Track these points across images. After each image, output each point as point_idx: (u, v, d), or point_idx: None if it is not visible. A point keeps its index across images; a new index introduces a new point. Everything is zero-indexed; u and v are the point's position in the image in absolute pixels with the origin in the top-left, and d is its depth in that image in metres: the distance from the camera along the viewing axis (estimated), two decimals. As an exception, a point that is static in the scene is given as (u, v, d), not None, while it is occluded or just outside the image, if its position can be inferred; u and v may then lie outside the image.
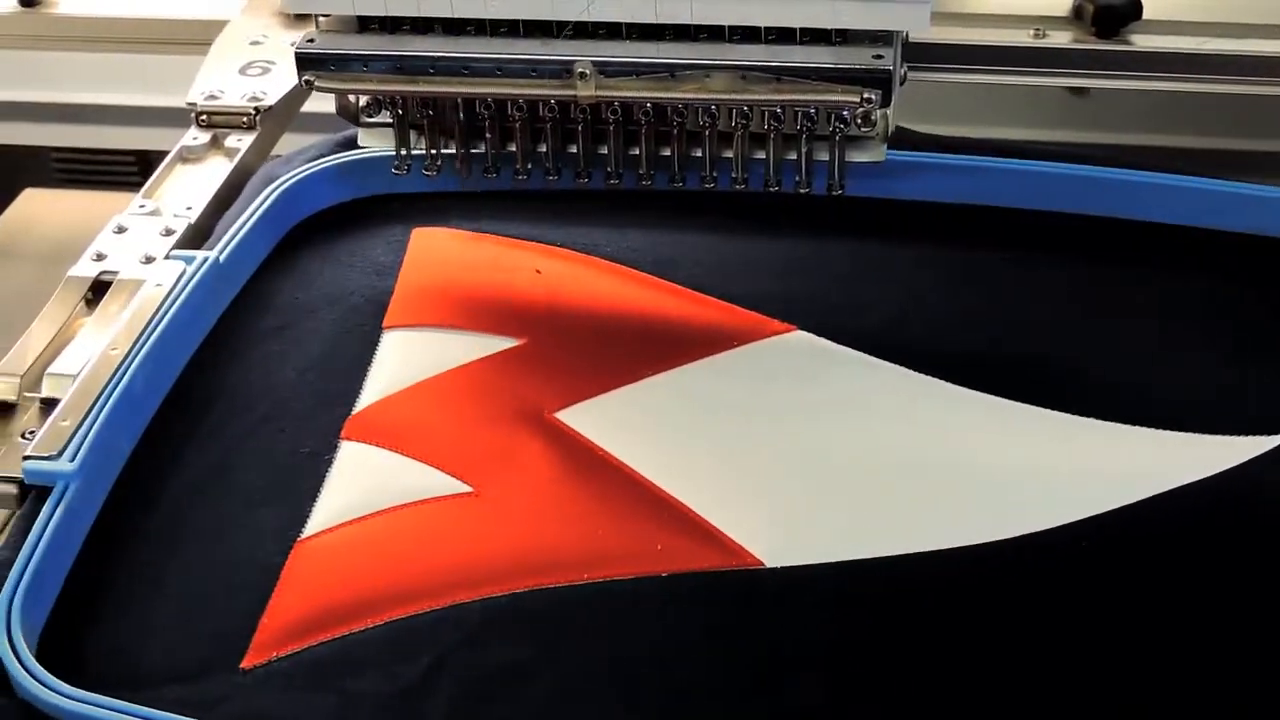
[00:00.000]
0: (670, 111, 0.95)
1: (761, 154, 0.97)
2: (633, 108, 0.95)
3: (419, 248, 1.05)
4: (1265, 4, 1.17)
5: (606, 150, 0.98)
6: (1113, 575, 0.83)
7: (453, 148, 1.00)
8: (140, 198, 1.07)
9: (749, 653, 0.79)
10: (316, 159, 1.08)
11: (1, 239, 1.33)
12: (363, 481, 0.88)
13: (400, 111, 0.98)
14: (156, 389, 0.93)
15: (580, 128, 0.97)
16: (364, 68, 0.93)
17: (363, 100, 0.99)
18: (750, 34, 0.92)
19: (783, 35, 0.92)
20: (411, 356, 0.96)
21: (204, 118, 1.13)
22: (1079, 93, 1.28)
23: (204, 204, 1.06)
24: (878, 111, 0.92)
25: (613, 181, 0.99)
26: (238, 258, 1.01)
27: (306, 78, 0.94)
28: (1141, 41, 1.17)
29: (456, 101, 0.97)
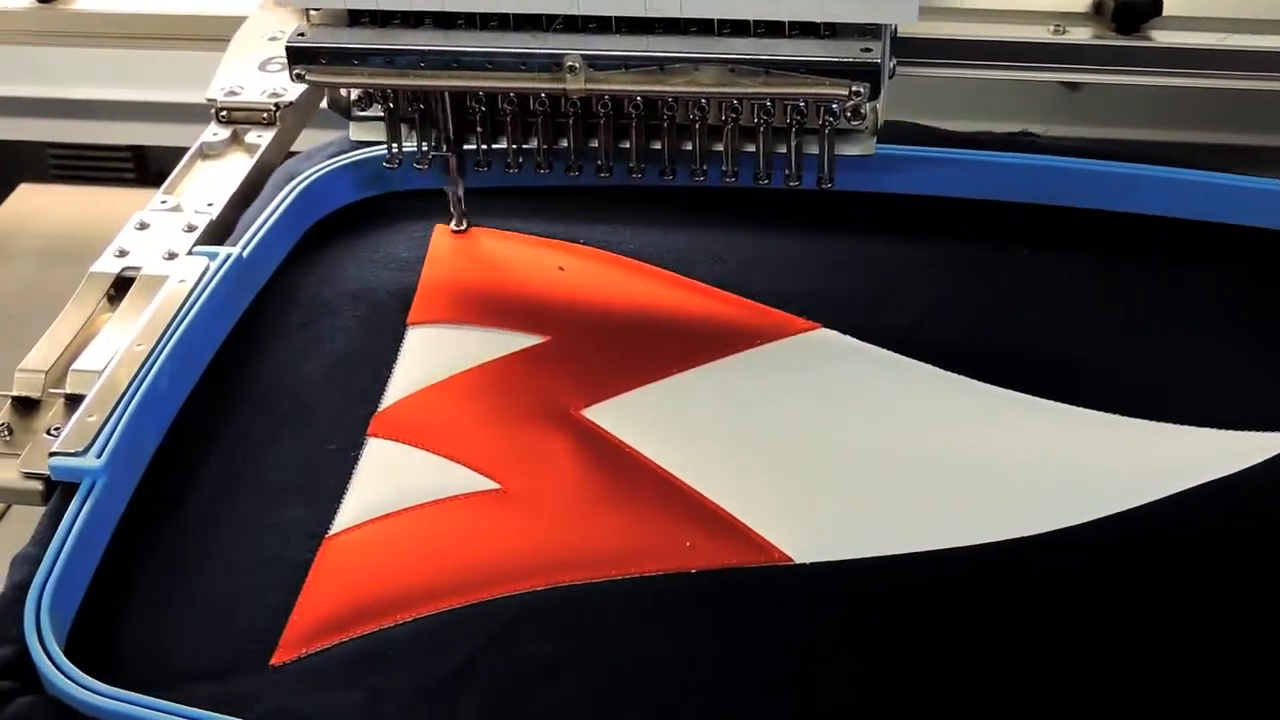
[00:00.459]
0: (660, 105, 0.95)
1: (751, 147, 0.96)
2: (623, 101, 0.95)
3: (441, 244, 1.05)
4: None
5: (597, 144, 0.98)
6: (1140, 571, 0.83)
7: (443, 142, 1.00)
8: (161, 194, 1.06)
9: (779, 649, 0.79)
10: (338, 155, 1.08)
11: (-3, 234, 1.33)
12: (390, 478, 0.88)
13: (391, 105, 0.98)
14: (182, 385, 0.93)
15: (571, 121, 0.97)
16: (355, 62, 0.93)
17: (354, 94, 0.99)
18: (739, 27, 0.91)
19: (772, 29, 0.91)
20: (436, 353, 0.96)
21: (224, 114, 1.13)
22: (1073, 88, 1.28)
23: (225, 200, 1.06)
24: (867, 105, 0.92)
25: (603, 175, 0.98)
26: (261, 253, 1.01)
27: (297, 71, 0.93)
28: (1161, 37, 1.17)
29: (446, 95, 0.97)
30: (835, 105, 0.93)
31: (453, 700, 0.77)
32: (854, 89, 0.89)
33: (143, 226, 1.03)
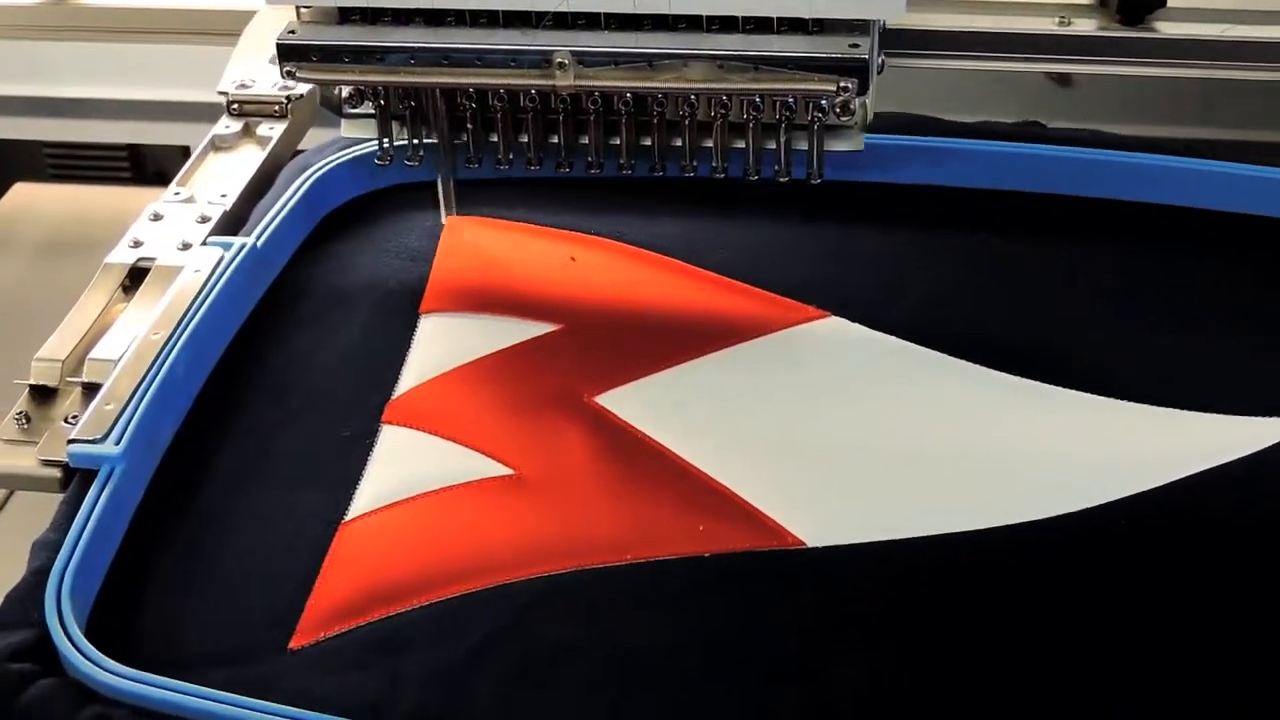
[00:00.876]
0: (650, 101, 0.95)
1: (741, 143, 0.96)
2: (612, 97, 0.95)
3: (452, 235, 1.06)
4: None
5: (587, 140, 0.98)
6: (1150, 554, 0.83)
7: (435, 138, 1.00)
8: (175, 186, 1.07)
9: (791, 631, 0.80)
10: (351, 145, 1.09)
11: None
12: (405, 465, 0.89)
13: (383, 102, 0.98)
14: (198, 373, 0.94)
15: (561, 118, 0.97)
16: (346, 59, 0.93)
17: (345, 91, 0.99)
18: (728, 24, 0.92)
19: (760, 25, 0.91)
20: (449, 341, 0.97)
21: (235, 106, 1.14)
22: (1064, 82, 1.29)
23: (238, 191, 1.06)
24: (856, 100, 0.92)
25: (593, 171, 0.98)
26: (275, 243, 1.02)
27: (288, 69, 0.94)
28: (1166, 29, 1.18)
29: (438, 92, 0.97)
30: (824, 101, 0.93)
31: (468, 682, 0.77)
32: (842, 84, 0.90)
33: (157, 218, 1.04)
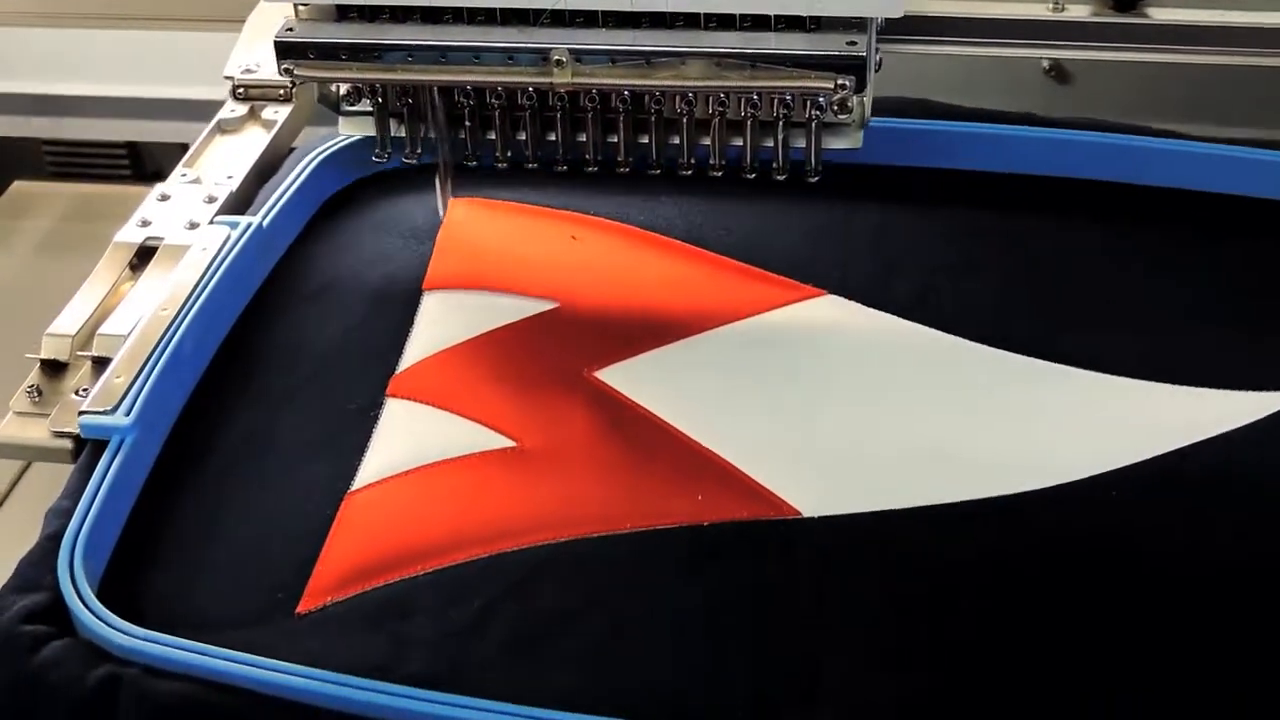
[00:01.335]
0: (648, 99, 0.95)
1: (739, 141, 0.97)
2: (610, 95, 0.95)
3: (456, 216, 1.07)
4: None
5: (585, 138, 0.98)
6: (1139, 524, 0.85)
7: (433, 135, 1.00)
8: (181, 167, 1.09)
9: (787, 597, 0.82)
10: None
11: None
12: (409, 436, 0.90)
13: (380, 99, 0.98)
14: (205, 348, 0.95)
15: (559, 116, 0.97)
16: (343, 56, 0.94)
17: (343, 88, 1.00)
18: (725, 21, 0.92)
19: (758, 22, 0.92)
20: (452, 317, 0.98)
21: (241, 90, 1.15)
22: (1061, 79, 1.30)
23: (244, 173, 1.08)
24: (854, 98, 0.92)
25: (591, 169, 0.99)
26: (280, 223, 1.04)
27: (285, 66, 0.94)
28: (1159, 15, 1.19)
29: (435, 89, 0.97)
30: (821, 99, 0.93)
31: (472, 645, 0.79)
32: (839, 82, 0.90)
33: (164, 198, 1.05)
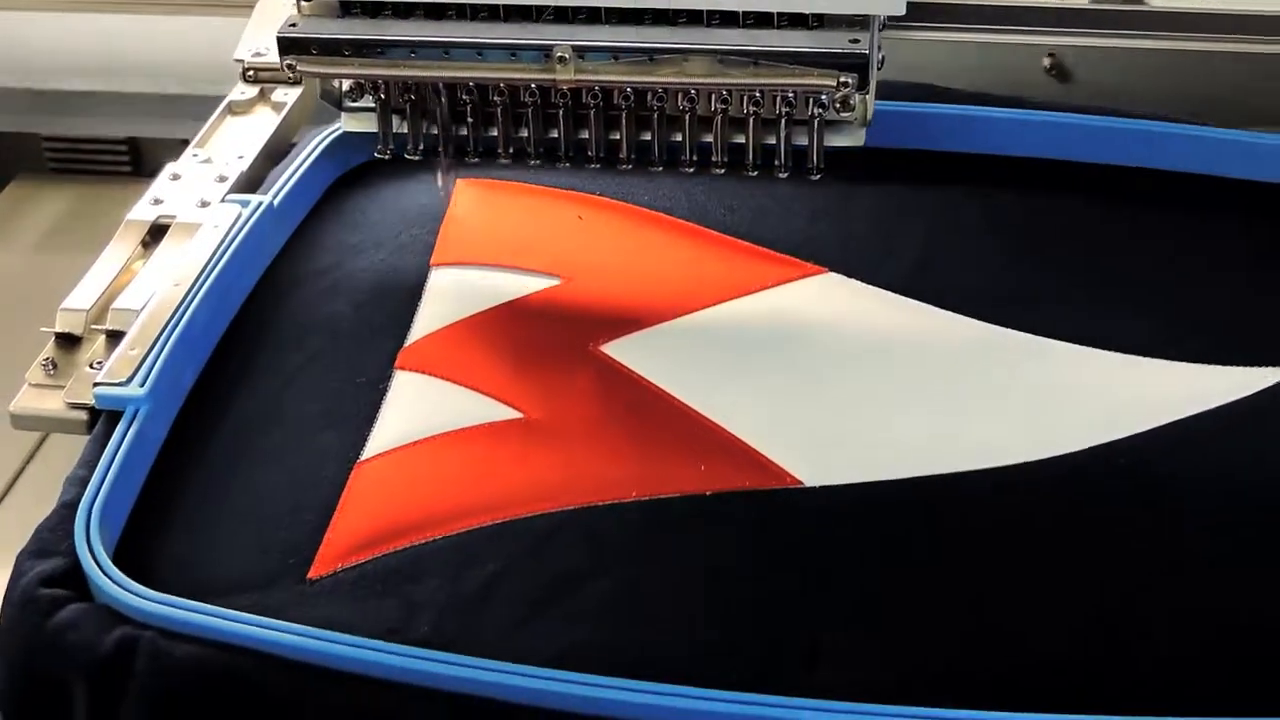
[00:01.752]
0: (650, 96, 0.95)
1: (741, 138, 0.97)
2: (613, 92, 0.95)
3: (463, 195, 1.09)
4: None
5: (587, 135, 0.98)
6: (1136, 495, 0.87)
7: (436, 131, 0.99)
8: (193, 148, 1.11)
9: (789, 563, 0.83)
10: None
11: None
12: (418, 408, 0.92)
13: (383, 96, 0.98)
14: (218, 322, 0.97)
15: (561, 112, 0.97)
16: (346, 52, 0.94)
17: (345, 84, 1.00)
18: (728, 19, 0.92)
19: (760, 20, 0.92)
20: (459, 292, 1.00)
21: (251, 73, 1.17)
22: (1061, 77, 1.31)
23: (255, 153, 1.10)
24: (856, 96, 0.92)
25: (593, 166, 0.99)
26: (291, 201, 1.05)
27: (288, 62, 0.94)
28: (1157, 1, 1.21)
29: (438, 86, 0.97)
30: (824, 96, 0.93)
31: (481, 609, 0.80)
32: (842, 80, 0.90)
33: (176, 177, 1.07)
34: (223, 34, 1.23)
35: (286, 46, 0.94)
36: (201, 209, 1.04)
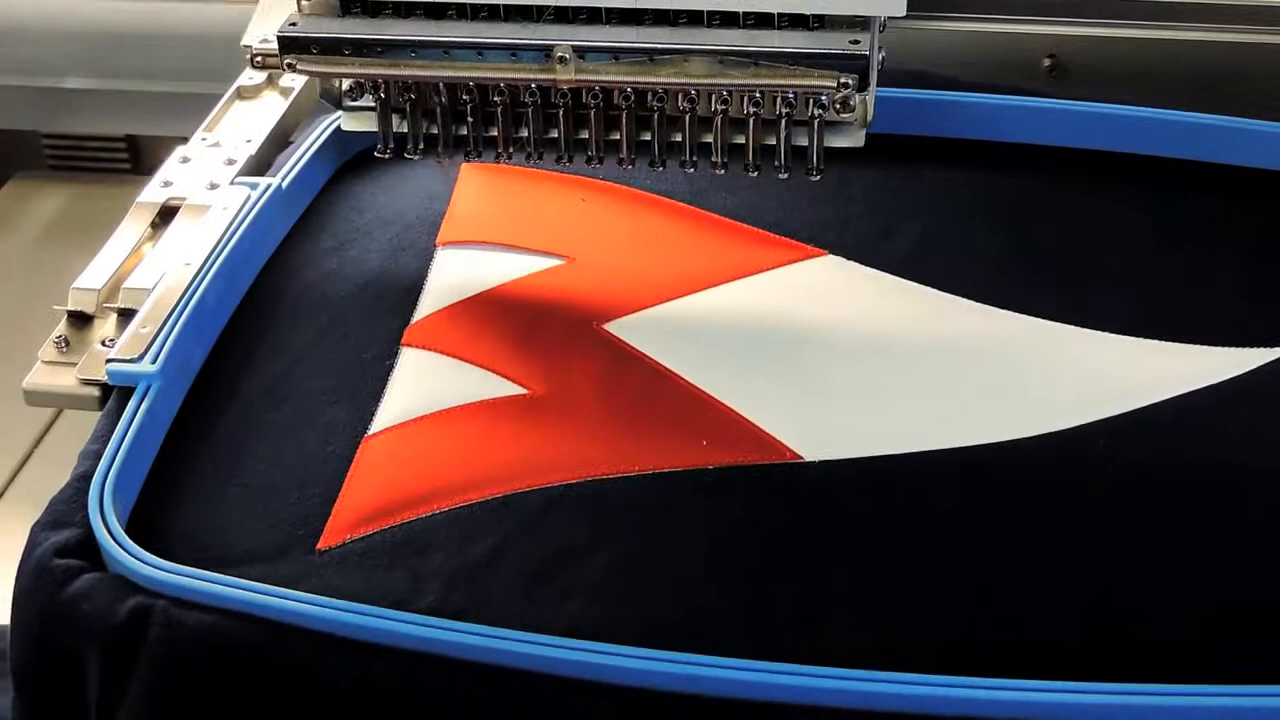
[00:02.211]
0: (650, 96, 0.95)
1: (741, 138, 0.97)
2: (613, 92, 0.95)
3: (469, 179, 1.10)
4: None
5: (587, 135, 0.98)
6: (1131, 469, 0.88)
7: (435, 130, 1.00)
8: (202, 131, 1.12)
9: (789, 535, 0.85)
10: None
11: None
12: (424, 384, 0.94)
13: (383, 95, 0.98)
14: (227, 301, 0.99)
15: (561, 112, 0.97)
16: (346, 52, 0.94)
17: (345, 84, 1.00)
18: (729, 19, 0.91)
19: (761, 20, 0.92)
20: (465, 271, 1.02)
21: (259, 59, 1.18)
22: (1057, 74, 1.33)
23: (263, 136, 1.12)
24: (856, 97, 0.93)
25: (594, 165, 1.00)
26: (299, 184, 1.07)
27: (288, 60, 0.95)
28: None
29: (438, 85, 0.97)
30: (824, 97, 0.93)
31: (486, 579, 0.82)
32: (842, 81, 0.90)
33: (185, 160, 1.09)
34: (222, 34, 1.24)
35: (286, 46, 0.95)
36: (211, 191, 1.05)
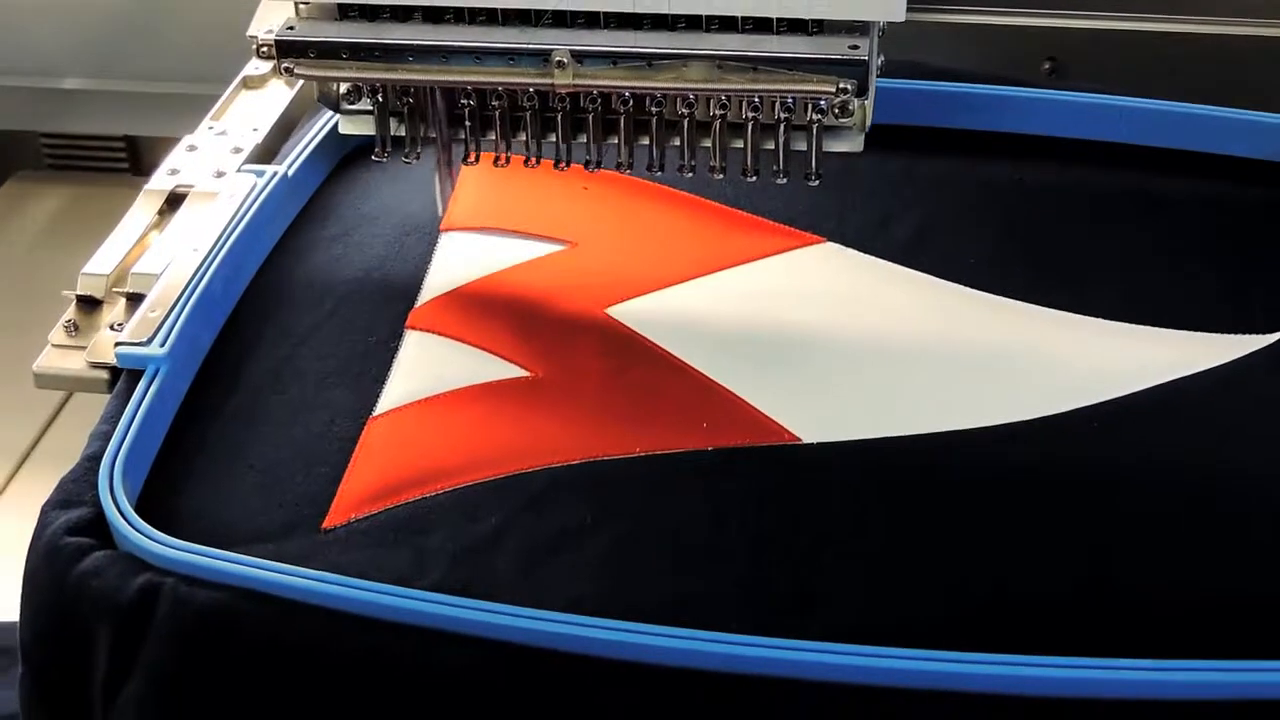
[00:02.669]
0: (649, 101, 0.95)
1: (739, 143, 0.97)
2: (611, 97, 0.95)
3: (472, 166, 1.11)
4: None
5: (585, 139, 0.98)
6: (1124, 453, 0.89)
7: (433, 134, 1.00)
8: (209, 120, 1.14)
9: (786, 516, 0.86)
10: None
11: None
12: (428, 366, 0.95)
13: (380, 99, 0.98)
14: (234, 285, 1.00)
15: (559, 117, 0.97)
16: (343, 55, 0.94)
17: (343, 87, 1.00)
18: (727, 24, 0.91)
19: (759, 25, 0.92)
20: (469, 255, 1.03)
21: (264, 49, 1.19)
22: (1057, 72, 1.34)
23: (270, 125, 1.13)
24: (855, 102, 0.93)
25: (591, 169, 1.00)
26: (304, 172, 1.08)
27: (286, 65, 0.95)
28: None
29: (436, 89, 0.97)
30: (823, 102, 0.93)
31: (490, 557, 0.83)
32: (841, 85, 0.90)
33: (192, 149, 1.10)
34: (222, 31, 1.25)
35: (284, 49, 0.95)
36: (218, 179, 1.07)
